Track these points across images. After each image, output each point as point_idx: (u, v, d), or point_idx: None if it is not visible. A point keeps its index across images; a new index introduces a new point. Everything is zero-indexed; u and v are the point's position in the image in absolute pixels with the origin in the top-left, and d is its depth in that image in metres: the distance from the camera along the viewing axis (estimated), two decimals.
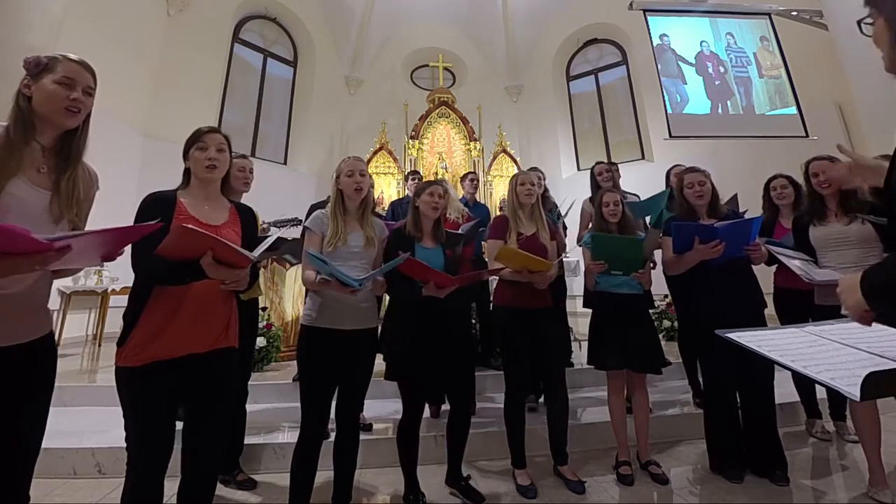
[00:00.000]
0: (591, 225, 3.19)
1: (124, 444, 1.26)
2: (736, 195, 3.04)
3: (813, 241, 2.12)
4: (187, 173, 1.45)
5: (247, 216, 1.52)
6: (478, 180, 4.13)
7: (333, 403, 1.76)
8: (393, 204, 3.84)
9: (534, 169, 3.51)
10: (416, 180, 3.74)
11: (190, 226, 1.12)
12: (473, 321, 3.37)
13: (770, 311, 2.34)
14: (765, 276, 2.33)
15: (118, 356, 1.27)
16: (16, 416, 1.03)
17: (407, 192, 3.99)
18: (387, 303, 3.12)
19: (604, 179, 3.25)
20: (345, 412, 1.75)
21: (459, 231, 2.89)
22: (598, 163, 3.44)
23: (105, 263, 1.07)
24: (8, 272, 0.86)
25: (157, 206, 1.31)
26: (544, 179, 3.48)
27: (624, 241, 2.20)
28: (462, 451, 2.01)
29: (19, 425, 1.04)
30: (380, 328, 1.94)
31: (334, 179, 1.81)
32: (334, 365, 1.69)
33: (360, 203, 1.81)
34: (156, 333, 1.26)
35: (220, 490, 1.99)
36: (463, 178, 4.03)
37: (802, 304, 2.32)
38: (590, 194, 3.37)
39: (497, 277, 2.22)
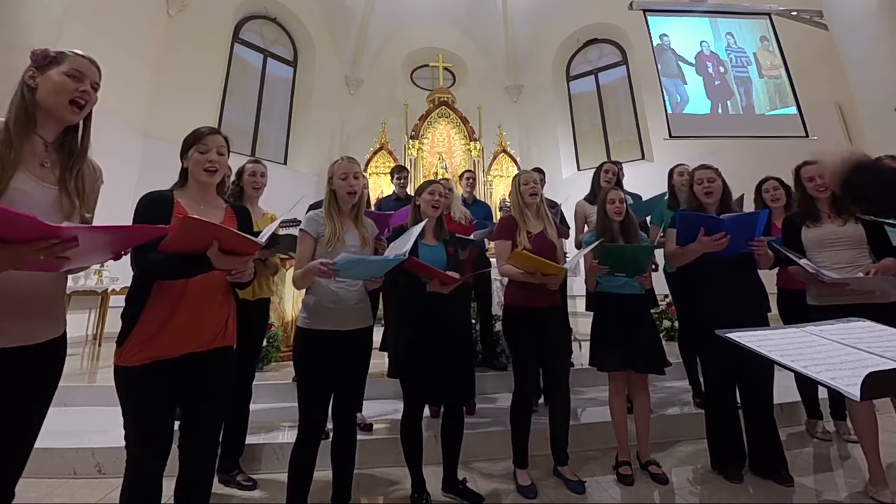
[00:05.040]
0: (586, 227, 3.20)
1: (124, 444, 1.26)
2: (742, 196, 3.03)
3: (806, 241, 2.12)
4: (184, 173, 1.44)
5: (243, 216, 1.52)
6: (473, 178, 4.14)
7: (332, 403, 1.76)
8: (380, 201, 3.76)
9: (536, 170, 3.51)
10: (402, 178, 3.66)
11: (195, 216, 1.12)
12: (473, 321, 3.37)
13: (773, 312, 2.34)
14: (766, 277, 2.32)
15: (117, 356, 1.26)
16: (15, 416, 1.02)
17: (393, 189, 3.80)
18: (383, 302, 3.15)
19: (607, 179, 3.20)
20: (342, 412, 1.76)
21: (472, 237, 2.90)
22: (606, 162, 3.38)
23: (105, 263, 1.08)
24: (11, 263, 0.85)
25: (155, 206, 1.31)
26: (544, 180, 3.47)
27: (634, 249, 2.19)
28: (458, 454, 2.00)
29: (17, 425, 1.03)
30: (383, 328, 1.94)
31: (327, 180, 1.81)
32: (332, 366, 1.68)
33: (355, 203, 1.82)
34: (155, 333, 1.26)
35: (221, 490, 1.99)
36: (460, 177, 4.05)
37: (806, 305, 2.31)
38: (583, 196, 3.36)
39: (505, 278, 2.22)
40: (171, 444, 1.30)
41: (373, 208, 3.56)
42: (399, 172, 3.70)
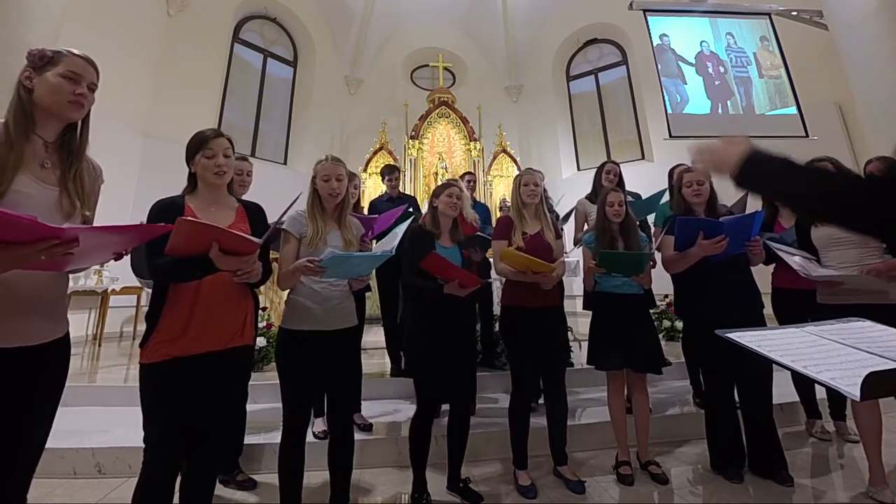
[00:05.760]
0: (586, 225, 3.20)
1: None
2: (746, 194, 3.02)
3: (815, 240, 2.13)
4: (192, 177, 1.46)
5: (255, 213, 1.53)
6: (475, 181, 4.11)
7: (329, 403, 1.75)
8: (373, 202, 3.69)
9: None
10: (393, 178, 3.60)
11: (190, 218, 1.14)
12: None
13: (768, 310, 2.34)
14: (762, 276, 2.33)
15: (140, 355, 1.32)
16: (22, 418, 1.01)
17: (387, 189, 3.71)
18: (374, 302, 3.11)
19: (609, 179, 3.19)
20: (336, 413, 1.74)
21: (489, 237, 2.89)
22: (608, 162, 3.36)
23: (105, 263, 1.08)
24: (13, 264, 0.85)
25: (165, 212, 1.34)
26: (543, 180, 3.45)
27: (632, 256, 2.19)
28: (462, 453, 2.01)
29: (25, 428, 1.02)
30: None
31: (311, 179, 1.77)
32: (316, 367, 1.65)
33: (338, 204, 1.78)
34: (175, 332, 1.30)
35: (220, 490, 1.99)
36: (461, 179, 4.02)
37: (800, 304, 2.33)
38: (584, 195, 3.36)
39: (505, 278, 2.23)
40: (185, 447, 1.32)
41: (365, 209, 3.51)
42: (390, 173, 3.62)
